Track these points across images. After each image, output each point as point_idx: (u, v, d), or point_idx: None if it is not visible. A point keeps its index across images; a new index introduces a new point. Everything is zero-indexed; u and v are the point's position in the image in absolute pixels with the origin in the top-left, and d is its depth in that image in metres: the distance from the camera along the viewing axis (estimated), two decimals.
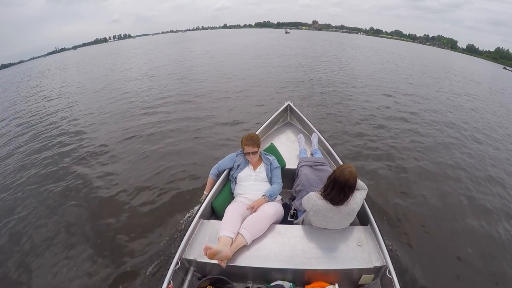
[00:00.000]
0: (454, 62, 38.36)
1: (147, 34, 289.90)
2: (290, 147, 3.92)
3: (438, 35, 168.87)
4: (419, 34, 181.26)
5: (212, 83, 12.58)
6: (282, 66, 17.01)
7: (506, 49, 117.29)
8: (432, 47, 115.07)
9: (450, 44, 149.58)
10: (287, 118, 4.73)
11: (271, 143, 3.53)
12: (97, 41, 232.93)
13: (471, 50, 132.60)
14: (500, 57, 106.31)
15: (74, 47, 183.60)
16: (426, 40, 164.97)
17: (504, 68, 50.70)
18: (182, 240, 2.26)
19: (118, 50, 48.52)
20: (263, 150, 3.15)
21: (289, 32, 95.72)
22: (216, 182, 2.93)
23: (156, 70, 18.01)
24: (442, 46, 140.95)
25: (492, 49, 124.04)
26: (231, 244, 2.15)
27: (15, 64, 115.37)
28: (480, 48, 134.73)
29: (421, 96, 11.42)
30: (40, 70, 30.68)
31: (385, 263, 2.11)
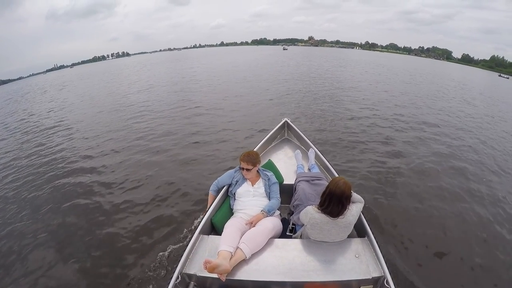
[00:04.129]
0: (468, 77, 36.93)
1: (145, 52, 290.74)
2: (287, 163, 3.99)
3: (433, 47, 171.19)
4: (414, 46, 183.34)
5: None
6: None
7: (501, 57, 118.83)
8: (428, 59, 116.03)
9: (445, 55, 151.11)
10: (285, 135, 4.80)
11: (269, 160, 3.59)
12: (95, 59, 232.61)
13: (466, 60, 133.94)
14: (496, 65, 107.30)
15: (72, 65, 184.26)
16: (421, 52, 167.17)
17: (500, 75, 51.57)
18: (182, 255, 2.30)
19: (108, 70, 48.16)
20: (261, 167, 3.20)
21: (287, 49, 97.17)
22: (216, 198, 2.98)
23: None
24: (437, 57, 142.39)
25: (487, 57, 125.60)
26: (231, 258, 2.18)
27: (14, 80, 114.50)
28: (475, 57, 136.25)
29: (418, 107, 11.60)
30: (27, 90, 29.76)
31: (383, 274, 2.15)
